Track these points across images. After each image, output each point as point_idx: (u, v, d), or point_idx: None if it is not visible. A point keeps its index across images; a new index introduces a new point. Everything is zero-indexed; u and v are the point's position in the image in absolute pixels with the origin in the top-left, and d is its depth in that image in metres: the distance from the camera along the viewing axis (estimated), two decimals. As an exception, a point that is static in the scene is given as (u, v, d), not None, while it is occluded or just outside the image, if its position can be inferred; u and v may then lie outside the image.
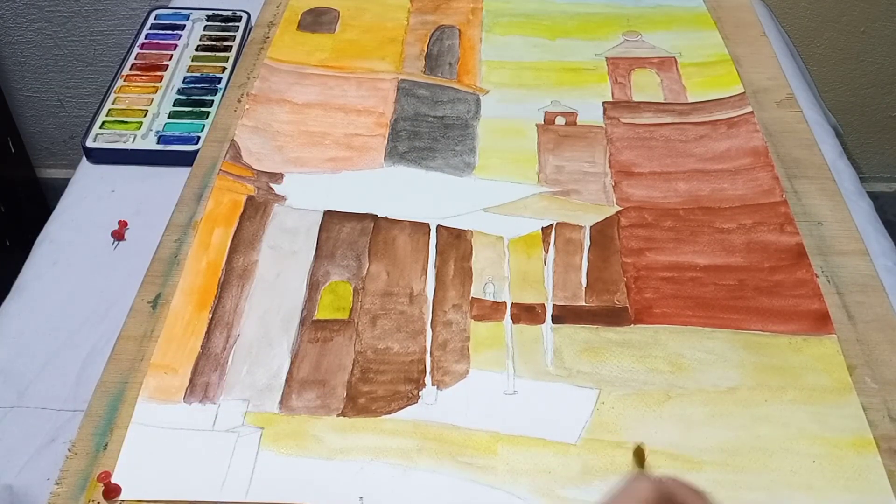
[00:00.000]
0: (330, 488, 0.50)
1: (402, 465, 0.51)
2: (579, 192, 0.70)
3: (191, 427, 0.53)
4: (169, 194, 0.69)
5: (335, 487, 0.50)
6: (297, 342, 0.58)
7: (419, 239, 0.66)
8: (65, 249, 0.68)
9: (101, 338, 0.59)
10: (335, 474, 0.51)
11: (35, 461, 0.53)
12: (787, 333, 0.58)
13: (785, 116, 0.78)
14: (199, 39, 0.89)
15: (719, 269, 0.63)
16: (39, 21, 1.36)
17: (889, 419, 0.53)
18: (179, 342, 0.58)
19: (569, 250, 0.65)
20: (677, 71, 0.83)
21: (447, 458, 0.51)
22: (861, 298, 0.60)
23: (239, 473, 0.50)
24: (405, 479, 0.50)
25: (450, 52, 0.87)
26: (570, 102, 0.79)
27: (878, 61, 1.36)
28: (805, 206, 0.68)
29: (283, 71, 0.83)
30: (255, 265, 0.64)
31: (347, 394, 0.55)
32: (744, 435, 0.52)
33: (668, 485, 0.39)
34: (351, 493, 0.49)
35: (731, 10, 0.93)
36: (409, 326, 0.59)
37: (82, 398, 0.55)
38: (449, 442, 0.52)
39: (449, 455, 0.51)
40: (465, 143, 0.75)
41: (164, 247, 0.65)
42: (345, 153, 0.74)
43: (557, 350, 0.58)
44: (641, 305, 0.61)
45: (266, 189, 0.70)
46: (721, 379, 0.56)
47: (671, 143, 0.75)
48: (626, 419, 0.53)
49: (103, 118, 0.78)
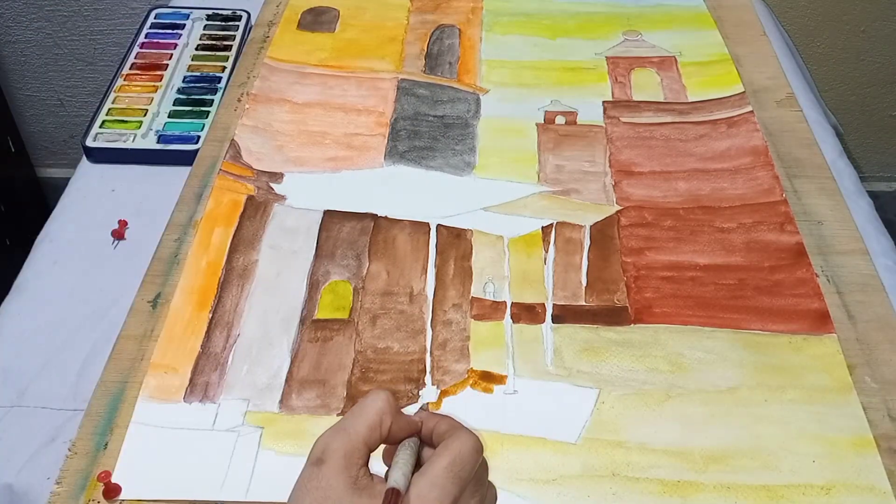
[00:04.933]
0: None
1: (402, 465, 0.51)
2: (579, 191, 0.70)
3: (191, 427, 0.53)
4: (169, 194, 0.69)
5: (335, 487, 0.50)
6: (297, 342, 0.58)
7: (419, 238, 0.66)
8: (65, 249, 0.68)
9: (101, 337, 0.59)
10: (335, 474, 0.50)
11: (35, 461, 0.53)
12: (788, 333, 0.58)
13: (785, 116, 0.78)
14: (199, 39, 0.89)
15: (719, 269, 0.63)
16: (39, 20, 1.36)
17: (889, 419, 0.53)
18: (179, 342, 0.58)
19: (569, 250, 0.65)
20: (677, 70, 0.83)
21: (447, 457, 0.51)
22: (861, 298, 0.60)
23: (239, 473, 0.50)
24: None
25: (450, 51, 0.87)
26: (570, 102, 0.79)
27: (879, 60, 1.36)
28: (805, 206, 0.68)
29: (283, 70, 0.83)
30: (255, 265, 0.64)
31: (347, 393, 0.55)
32: (744, 435, 0.52)
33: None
34: (351, 493, 0.49)
35: (731, 9, 0.93)
36: (409, 326, 0.59)
37: (82, 398, 0.55)
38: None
39: (449, 454, 0.51)
40: (465, 143, 0.75)
41: (164, 246, 0.65)
42: (345, 153, 0.74)
43: (557, 350, 0.58)
44: (641, 305, 0.61)
45: (266, 188, 0.70)
46: (721, 379, 0.56)
47: (671, 143, 0.75)
48: (626, 419, 0.53)
49: (103, 117, 0.78)
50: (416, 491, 0.35)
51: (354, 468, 0.36)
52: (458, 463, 0.36)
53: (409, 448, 0.38)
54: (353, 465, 0.36)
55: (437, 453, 0.37)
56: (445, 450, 0.37)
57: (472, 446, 0.37)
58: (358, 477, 0.36)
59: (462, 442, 0.37)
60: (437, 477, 0.36)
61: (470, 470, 0.37)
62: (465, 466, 0.37)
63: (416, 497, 0.35)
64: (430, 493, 0.35)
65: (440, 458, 0.37)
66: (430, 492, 0.35)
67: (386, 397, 0.38)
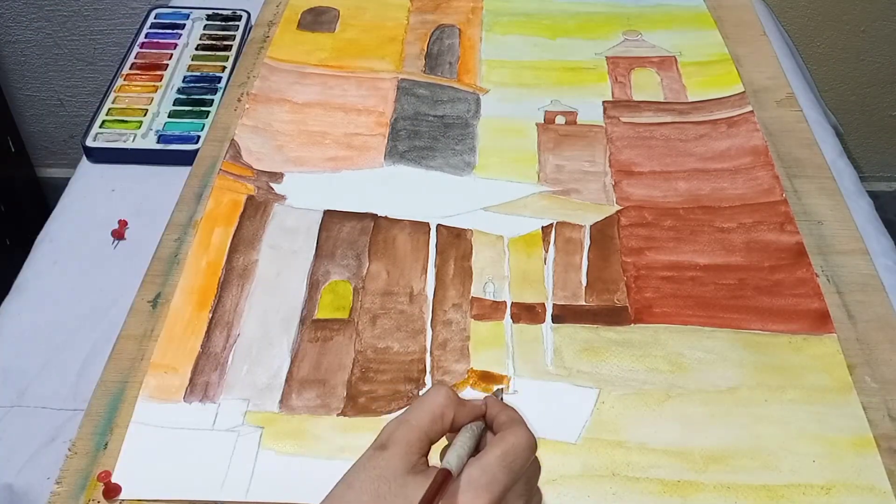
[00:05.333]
0: (330, 488, 0.50)
1: (402, 465, 0.51)
2: (579, 191, 0.70)
3: (191, 426, 0.53)
4: (169, 194, 0.69)
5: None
6: (297, 341, 0.58)
7: (419, 238, 0.66)
8: (65, 249, 0.68)
9: (101, 337, 0.59)
10: (335, 474, 0.50)
11: (35, 460, 0.53)
12: (787, 333, 0.58)
13: (785, 116, 0.78)
14: (199, 39, 0.89)
15: (719, 269, 0.63)
16: (39, 20, 1.36)
17: (889, 418, 0.53)
18: (179, 341, 0.58)
19: (569, 250, 0.65)
20: (677, 70, 0.83)
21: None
22: (861, 298, 0.60)
23: (239, 473, 0.50)
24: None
25: (450, 51, 0.87)
26: (570, 102, 0.79)
27: (879, 60, 1.36)
28: (805, 206, 0.68)
29: (283, 70, 0.83)
30: (255, 265, 0.64)
31: (347, 393, 0.55)
32: (744, 435, 0.52)
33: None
34: (351, 493, 0.49)
35: (731, 9, 0.93)
36: (409, 326, 0.59)
37: (82, 398, 0.55)
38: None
39: (449, 454, 0.51)
40: (465, 143, 0.75)
41: (164, 246, 0.65)
42: (345, 152, 0.74)
43: (557, 349, 0.58)
44: (641, 305, 0.61)
45: (266, 188, 0.70)
46: (721, 378, 0.56)
47: (671, 143, 0.75)
48: (626, 419, 0.53)
49: (103, 117, 0.78)
50: (467, 475, 0.37)
51: (415, 456, 0.38)
52: (510, 454, 0.38)
53: (470, 431, 0.40)
54: (413, 452, 0.38)
55: (493, 442, 0.38)
56: (501, 440, 0.38)
57: (527, 443, 0.39)
58: (416, 464, 0.37)
59: (518, 436, 0.38)
60: (489, 465, 0.37)
61: (522, 465, 0.38)
62: (517, 460, 0.38)
63: (467, 481, 0.36)
64: (480, 478, 0.36)
65: (495, 447, 0.38)
66: (481, 477, 0.36)
67: (447, 391, 0.40)
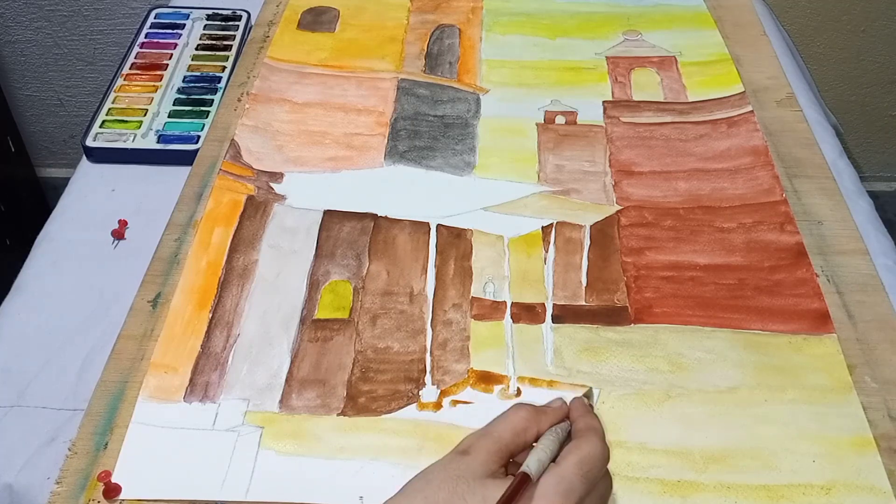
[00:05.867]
0: (330, 488, 0.50)
1: (403, 465, 0.51)
2: (579, 191, 0.70)
3: (191, 426, 0.53)
4: (169, 193, 0.69)
5: (335, 487, 0.50)
6: (297, 341, 0.58)
7: (419, 238, 0.66)
8: (65, 249, 0.68)
9: (101, 337, 0.59)
10: (335, 474, 0.51)
11: (35, 460, 0.53)
12: (788, 333, 0.58)
13: (785, 115, 0.78)
14: (199, 38, 0.89)
15: (719, 269, 0.63)
16: (39, 20, 1.37)
17: (889, 419, 0.53)
18: (179, 341, 0.58)
19: (569, 249, 0.65)
20: (677, 70, 0.83)
21: (447, 457, 0.51)
22: (861, 298, 0.60)
23: (239, 473, 0.50)
24: (405, 478, 0.50)
25: (450, 51, 0.87)
26: (570, 101, 0.79)
27: (879, 60, 1.36)
28: (805, 206, 0.68)
29: (283, 70, 0.83)
30: (255, 264, 0.64)
31: (347, 393, 0.55)
32: (744, 435, 0.52)
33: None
34: (351, 493, 0.49)
35: (731, 9, 0.93)
36: (409, 326, 0.59)
37: (82, 398, 0.55)
38: (449, 441, 0.52)
39: (449, 454, 0.51)
40: (465, 143, 0.75)
41: (164, 246, 0.65)
42: (345, 152, 0.74)
43: (557, 350, 0.58)
44: (641, 305, 0.61)
45: (266, 188, 0.70)
46: (721, 379, 0.56)
47: (671, 143, 0.75)
48: (626, 419, 0.53)
49: (103, 117, 0.78)
50: (544, 482, 0.37)
51: (494, 465, 0.38)
52: (587, 463, 0.38)
53: (554, 435, 0.40)
54: (493, 462, 0.38)
55: (569, 450, 0.39)
56: (577, 448, 0.38)
57: (601, 453, 0.39)
58: (495, 471, 0.38)
59: (592, 445, 0.39)
60: (566, 472, 0.37)
61: (597, 474, 0.38)
62: (592, 469, 0.38)
63: (544, 487, 0.37)
64: (558, 485, 0.37)
65: (571, 454, 0.38)
66: (559, 484, 0.37)
67: (529, 407, 0.41)
